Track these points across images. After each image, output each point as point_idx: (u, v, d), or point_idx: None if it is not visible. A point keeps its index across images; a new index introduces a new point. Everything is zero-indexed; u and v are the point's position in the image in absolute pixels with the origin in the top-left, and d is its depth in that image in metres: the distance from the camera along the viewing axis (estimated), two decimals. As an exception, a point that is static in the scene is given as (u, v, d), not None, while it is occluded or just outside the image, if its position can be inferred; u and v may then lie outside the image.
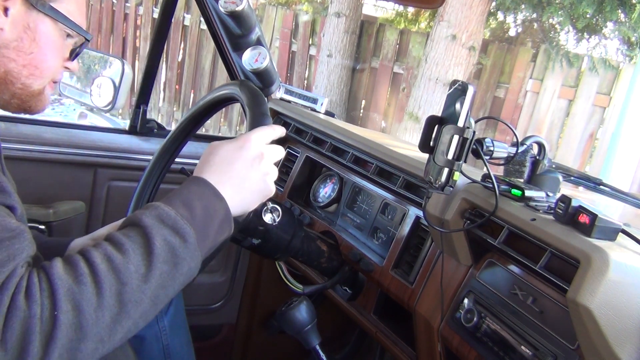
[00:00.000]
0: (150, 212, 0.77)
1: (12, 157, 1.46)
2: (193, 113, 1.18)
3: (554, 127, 4.09)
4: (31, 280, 0.68)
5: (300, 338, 1.20)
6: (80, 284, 0.68)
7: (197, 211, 0.79)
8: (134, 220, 0.77)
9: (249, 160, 0.86)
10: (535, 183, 1.00)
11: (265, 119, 0.95)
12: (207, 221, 0.80)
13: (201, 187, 0.82)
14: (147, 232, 0.75)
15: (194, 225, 0.78)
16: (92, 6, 6.44)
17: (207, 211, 0.80)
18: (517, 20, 4.82)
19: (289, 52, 5.33)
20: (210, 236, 0.81)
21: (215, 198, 0.82)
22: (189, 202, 0.80)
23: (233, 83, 1.07)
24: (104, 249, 0.73)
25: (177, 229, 0.76)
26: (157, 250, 0.74)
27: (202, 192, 0.82)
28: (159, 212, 0.77)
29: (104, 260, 0.71)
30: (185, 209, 0.79)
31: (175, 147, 1.22)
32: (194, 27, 5.71)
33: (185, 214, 0.78)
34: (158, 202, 0.79)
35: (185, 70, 5.86)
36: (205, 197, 0.81)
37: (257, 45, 1.56)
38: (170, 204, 0.78)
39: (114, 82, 1.67)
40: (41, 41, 0.83)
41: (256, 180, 0.86)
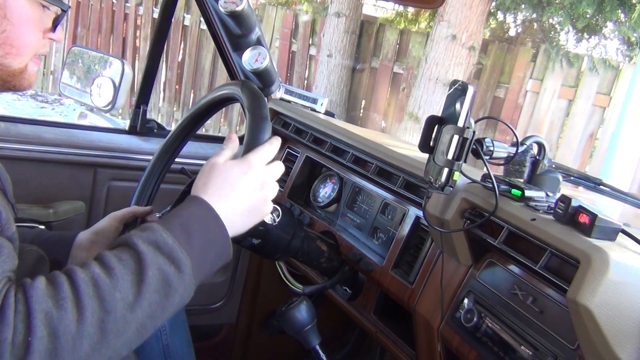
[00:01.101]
0: (148, 235, 0.74)
1: (12, 157, 1.46)
2: (194, 112, 1.18)
3: (554, 127, 4.09)
4: (6, 301, 0.63)
5: (300, 338, 1.20)
6: (60, 309, 0.64)
7: (196, 238, 0.76)
8: (128, 242, 0.73)
9: (252, 186, 0.85)
10: (535, 183, 1.00)
11: (265, 122, 0.94)
12: (205, 249, 0.77)
13: (202, 211, 0.79)
14: (141, 259, 0.71)
15: (191, 254, 0.75)
16: (92, 6, 6.44)
17: (206, 238, 0.78)
18: (517, 20, 4.82)
19: (289, 52, 5.33)
20: (207, 265, 0.78)
21: (215, 224, 0.79)
22: (188, 227, 0.76)
23: (234, 83, 1.07)
24: (92, 271, 0.69)
25: (173, 258, 0.73)
26: (149, 279, 0.70)
27: (202, 217, 0.79)
28: (156, 238, 0.73)
29: (89, 285, 0.67)
30: (183, 235, 0.75)
31: (175, 146, 1.22)
32: (194, 27, 5.71)
33: (183, 241, 0.74)
34: (156, 225, 0.76)
35: (185, 70, 5.87)
36: (205, 223, 0.79)
37: (257, 45, 1.56)
38: (168, 228, 0.75)
39: (114, 82, 1.67)
40: (13, 17, 0.77)
41: (257, 204, 0.86)
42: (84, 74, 1.75)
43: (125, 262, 0.71)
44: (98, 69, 1.73)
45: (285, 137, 1.63)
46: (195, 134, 1.78)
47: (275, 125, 1.63)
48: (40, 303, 0.64)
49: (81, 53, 1.85)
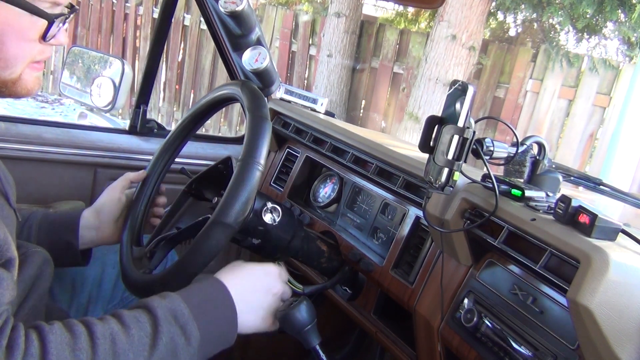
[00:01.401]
0: (167, 303, 0.78)
1: (12, 157, 1.46)
2: (194, 112, 1.18)
3: (554, 127, 4.09)
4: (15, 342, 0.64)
5: (300, 338, 1.20)
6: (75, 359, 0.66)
7: (209, 316, 0.81)
8: (148, 306, 0.77)
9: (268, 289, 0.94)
10: (535, 183, 1.00)
11: (265, 122, 0.95)
12: (213, 328, 0.82)
13: (221, 294, 0.85)
14: (156, 324, 0.74)
15: (201, 330, 0.79)
16: (92, 6, 6.45)
17: (217, 319, 0.82)
18: (517, 20, 4.82)
19: (289, 52, 5.33)
20: (212, 343, 0.82)
21: (229, 309, 0.85)
22: (205, 304, 0.81)
23: (234, 83, 1.07)
24: (111, 327, 0.71)
25: (186, 330, 0.77)
26: (160, 346, 0.73)
27: (220, 299, 0.85)
28: (174, 307, 0.77)
29: (107, 340, 0.70)
30: (199, 309, 0.80)
31: (175, 146, 1.21)
32: (194, 27, 5.71)
33: (197, 315, 0.79)
34: (176, 294, 0.80)
35: (185, 70, 5.87)
36: (220, 304, 0.84)
37: (257, 45, 1.56)
38: (187, 299, 0.80)
39: (114, 82, 1.67)
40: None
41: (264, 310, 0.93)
42: (84, 74, 1.75)
43: (141, 325, 0.74)
44: (98, 69, 1.73)
45: (285, 137, 1.63)
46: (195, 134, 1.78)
47: (275, 125, 1.63)
48: (58, 350, 0.66)
49: (81, 53, 1.85)
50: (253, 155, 0.92)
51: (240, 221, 0.94)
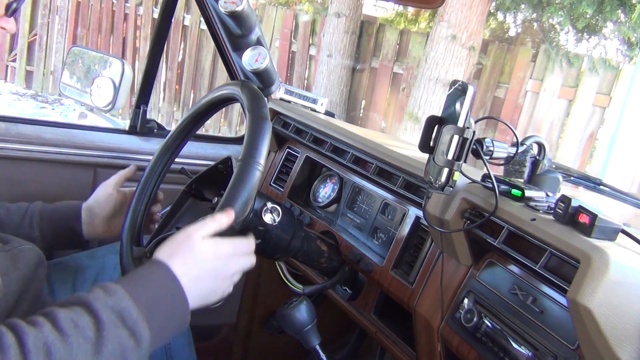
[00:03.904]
0: (113, 303, 0.70)
1: (12, 157, 1.46)
2: (194, 112, 1.18)
3: (554, 127, 4.09)
4: None
5: (300, 338, 1.20)
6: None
7: (159, 312, 0.74)
8: (89, 306, 0.69)
9: (220, 274, 0.85)
10: (535, 183, 1.00)
11: (265, 122, 0.94)
12: (165, 323, 0.75)
13: (171, 284, 0.77)
14: (100, 329, 0.67)
15: (152, 328, 0.72)
16: (92, 6, 6.44)
17: (168, 312, 0.76)
18: (517, 20, 4.82)
19: (289, 52, 5.33)
20: (162, 338, 0.76)
21: (180, 299, 0.78)
22: (154, 299, 0.74)
23: (234, 83, 1.07)
24: (45, 335, 0.63)
25: (135, 332, 0.70)
26: (106, 353, 0.66)
27: (169, 290, 0.77)
28: (121, 307, 0.69)
29: (41, 351, 0.62)
30: (148, 306, 0.72)
31: (175, 146, 1.22)
32: (194, 27, 5.71)
33: (147, 314, 0.72)
34: (122, 289, 0.71)
35: (185, 70, 5.87)
36: (170, 297, 0.77)
37: (257, 45, 1.56)
38: (134, 296, 0.71)
39: (114, 82, 1.67)
40: None
41: (215, 290, 0.87)
42: (84, 74, 1.75)
43: (81, 330, 0.66)
44: (98, 69, 1.73)
45: (285, 137, 1.63)
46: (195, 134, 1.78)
47: (275, 125, 1.63)
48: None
49: (81, 53, 1.85)
50: (253, 155, 0.92)
51: (240, 221, 0.94)
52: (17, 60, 6.85)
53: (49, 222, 1.12)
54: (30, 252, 0.94)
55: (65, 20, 6.58)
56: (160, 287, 0.76)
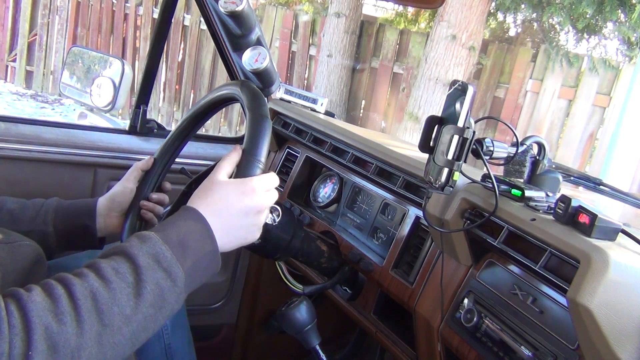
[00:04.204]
0: (148, 248, 0.75)
1: (12, 157, 1.46)
2: (194, 112, 1.18)
3: (554, 127, 4.09)
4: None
5: (300, 338, 1.20)
6: (60, 323, 0.65)
7: (190, 252, 0.78)
8: (128, 253, 0.74)
9: (247, 210, 0.86)
10: (535, 183, 1.00)
11: (266, 120, 0.94)
12: (197, 263, 0.79)
13: (198, 225, 0.81)
14: (139, 273, 0.73)
15: (184, 267, 0.77)
16: (92, 6, 6.45)
17: (199, 253, 0.79)
18: (517, 20, 4.82)
19: (289, 52, 5.33)
20: (197, 278, 0.80)
21: (209, 239, 0.81)
22: (185, 241, 0.78)
23: (234, 83, 1.07)
24: (90, 284, 0.69)
25: (170, 272, 0.75)
26: (146, 294, 0.72)
27: (198, 231, 0.81)
28: (156, 251, 0.75)
29: (88, 298, 0.68)
30: (180, 248, 0.77)
31: (175, 147, 1.22)
32: (194, 27, 5.71)
33: (179, 255, 0.76)
34: (155, 235, 0.77)
35: (185, 70, 5.87)
36: (200, 237, 0.80)
37: (257, 45, 1.56)
38: (167, 240, 0.77)
39: (114, 82, 1.67)
40: None
41: (247, 229, 0.87)
42: (84, 74, 1.75)
43: (122, 276, 0.72)
44: (98, 69, 1.73)
45: (285, 137, 1.63)
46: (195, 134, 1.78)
47: (275, 125, 1.63)
48: (40, 317, 0.64)
49: (81, 53, 1.85)
50: (254, 153, 0.92)
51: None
52: (17, 60, 6.85)
53: (63, 219, 1.11)
54: (29, 249, 0.94)
55: (65, 20, 6.58)
56: (189, 229, 0.80)
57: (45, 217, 1.11)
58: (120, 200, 1.16)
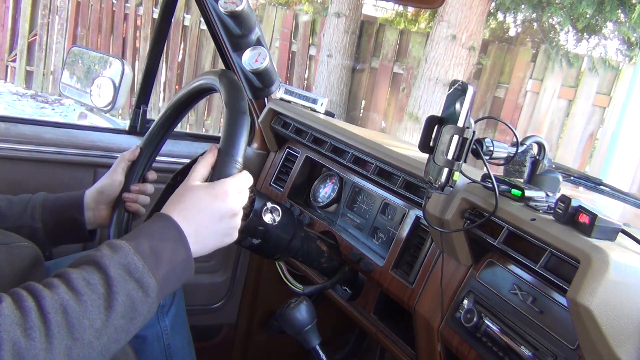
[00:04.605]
0: (118, 259, 0.74)
1: (12, 157, 1.46)
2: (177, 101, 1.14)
3: (554, 127, 4.09)
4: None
5: (300, 338, 1.20)
6: (28, 339, 0.63)
7: (163, 261, 0.77)
8: (99, 263, 0.73)
9: (221, 214, 0.85)
10: (535, 183, 1.00)
11: (242, 117, 0.91)
12: (170, 272, 0.78)
13: (171, 232, 0.80)
14: (111, 284, 0.71)
15: (157, 277, 0.76)
16: (92, 6, 6.45)
17: (172, 261, 0.78)
18: (517, 20, 4.82)
19: (289, 52, 5.33)
20: (169, 286, 0.79)
21: (182, 246, 0.80)
22: (157, 249, 0.77)
23: (214, 72, 1.03)
24: (61, 296, 0.68)
25: (142, 283, 0.74)
26: (117, 306, 0.71)
27: (171, 239, 0.79)
28: (127, 262, 0.74)
29: (58, 312, 0.67)
30: (152, 257, 0.76)
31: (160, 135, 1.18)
32: (194, 27, 5.71)
33: (151, 265, 0.75)
34: (126, 244, 0.75)
35: (185, 71, 5.87)
36: (173, 245, 0.79)
37: (257, 45, 1.56)
38: (139, 250, 0.75)
39: (114, 82, 1.67)
40: None
41: (223, 232, 0.86)
42: (84, 74, 1.75)
43: (93, 287, 0.70)
44: (98, 69, 1.73)
45: (285, 137, 1.63)
46: (194, 134, 1.78)
47: (275, 125, 1.63)
48: (8, 332, 0.63)
49: (81, 53, 1.85)
50: (230, 152, 0.89)
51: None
52: (17, 60, 6.85)
53: (51, 213, 1.11)
54: (28, 250, 0.94)
55: (65, 20, 6.58)
56: (162, 237, 0.79)
57: (33, 212, 1.10)
58: (108, 193, 1.14)
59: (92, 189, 1.15)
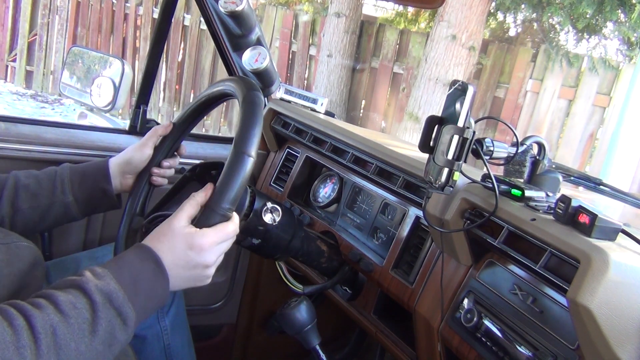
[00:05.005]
0: (102, 286, 0.75)
1: (12, 157, 1.46)
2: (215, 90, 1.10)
3: (554, 127, 4.09)
4: None
5: (300, 338, 1.20)
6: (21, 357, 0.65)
7: (142, 292, 0.79)
8: (83, 289, 0.75)
9: (194, 264, 0.86)
10: (535, 183, 1.00)
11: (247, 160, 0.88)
12: (148, 302, 0.80)
13: (151, 266, 0.82)
14: (95, 309, 0.73)
15: (136, 308, 0.78)
16: (92, 6, 6.45)
17: (151, 292, 0.80)
18: (517, 20, 4.82)
19: (289, 52, 5.33)
20: (146, 314, 0.81)
21: (162, 280, 0.82)
22: (138, 281, 0.79)
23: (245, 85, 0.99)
24: (50, 317, 0.70)
25: (121, 312, 0.76)
26: (100, 331, 0.73)
27: (151, 271, 0.81)
28: (109, 289, 0.76)
29: (48, 334, 0.69)
30: (132, 287, 0.78)
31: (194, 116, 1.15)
32: (194, 27, 5.71)
33: (131, 295, 0.77)
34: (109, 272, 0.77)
35: (185, 70, 5.87)
36: (152, 277, 0.81)
37: (257, 45, 1.56)
38: (119, 279, 0.77)
39: (114, 82, 1.67)
40: None
41: (195, 278, 0.88)
42: (84, 74, 1.75)
43: (79, 311, 0.72)
44: (98, 69, 1.73)
45: (285, 137, 1.63)
46: (196, 135, 1.77)
47: (275, 125, 1.63)
48: (3, 349, 0.65)
49: (81, 53, 1.85)
50: (222, 197, 0.86)
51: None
52: (17, 60, 6.85)
53: (80, 186, 1.12)
54: (27, 250, 0.94)
55: (65, 20, 6.58)
56: (143, 268, 0.81)
57: (63, 187, 1.11)
58: (136, 164, 1.15)
59: (119, 159, 1.16)
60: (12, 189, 1.07)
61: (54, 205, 1.09)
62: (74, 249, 1.54)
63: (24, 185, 1.09)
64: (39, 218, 1.09)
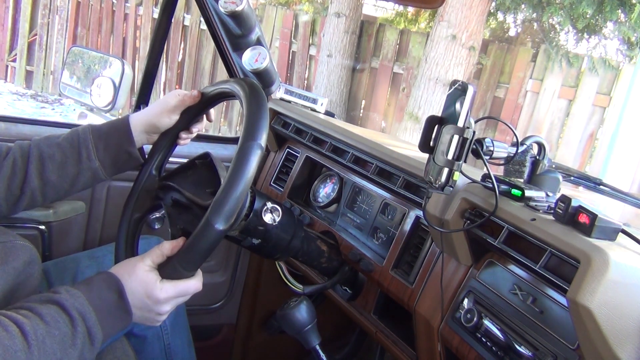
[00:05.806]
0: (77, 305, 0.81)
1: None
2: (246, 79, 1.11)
3: (554, 127, 4.09)
4: None
5: (300, 338, 1.20)
6: None
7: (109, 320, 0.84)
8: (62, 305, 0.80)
9: (148, 309, 0.90)
10: (535, 183, 1.00)
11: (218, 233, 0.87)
12: (111, 330, 0.86)
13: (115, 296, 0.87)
14: (74, 325, 0.79)
15: (104, 333, 0.83)
16: (92, 6, 6.45)
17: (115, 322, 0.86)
18: (517, 20, 4.82)
19: (289, 52, 5.33)
20: (109, 338, 0.87)
21: (126, 312, 0.88)
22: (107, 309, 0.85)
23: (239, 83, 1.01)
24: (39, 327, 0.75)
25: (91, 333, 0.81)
26: (78, 345, 0.78)
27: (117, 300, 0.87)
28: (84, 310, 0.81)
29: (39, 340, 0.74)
30: (101, 314, 0.83)
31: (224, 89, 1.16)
32: (194, 27, 5.71)
33: (100, 319, 0.83)
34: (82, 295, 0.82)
35: (185, 70, 5.87)
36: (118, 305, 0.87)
37: (257, 45, 1.56)
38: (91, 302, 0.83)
39: (114, 82, 1.67)
40: None
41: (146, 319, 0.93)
42: (84, 74, 1.75)
43: (61, 325, 0.78)
44: (98, 69, 1.73)
45: (285, 137, 1.63)
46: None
47: (275, 125, 1.63)
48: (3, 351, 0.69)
49: (81, 53, 1.85)
50: (189, 256, 0.89)
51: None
52: (17, 60, 6.85)
53: (105, 151, 1.11)
54: (22, 249, 0.94)
55: (65, 20, 6.58)
56: (111, 300, 0.86)
57: (88, 153, 1.09)
58: (160, 126, 1.15)
59: (142, 120, 1.14)
60: (38, 161, 1.06)
61: (82, 172, 1.08)
62: (74, 249, 1.54)
63: (49, 156, 1.07)
64: (69, 186, 1.09)
